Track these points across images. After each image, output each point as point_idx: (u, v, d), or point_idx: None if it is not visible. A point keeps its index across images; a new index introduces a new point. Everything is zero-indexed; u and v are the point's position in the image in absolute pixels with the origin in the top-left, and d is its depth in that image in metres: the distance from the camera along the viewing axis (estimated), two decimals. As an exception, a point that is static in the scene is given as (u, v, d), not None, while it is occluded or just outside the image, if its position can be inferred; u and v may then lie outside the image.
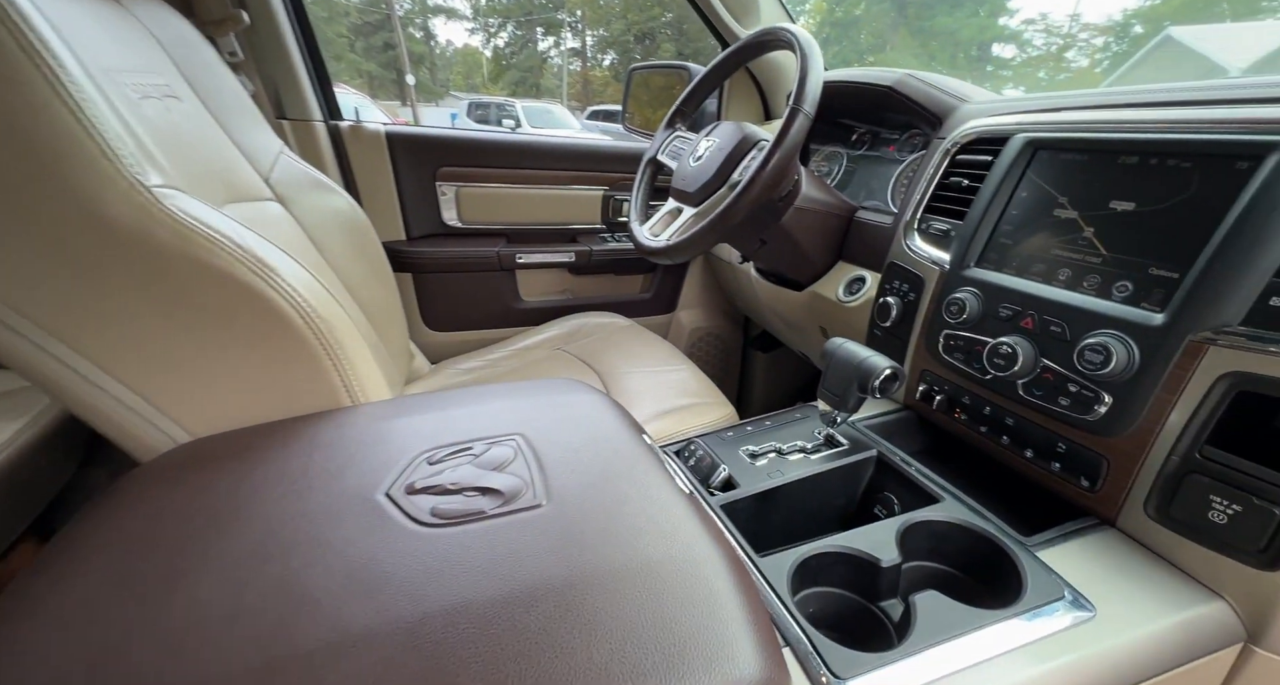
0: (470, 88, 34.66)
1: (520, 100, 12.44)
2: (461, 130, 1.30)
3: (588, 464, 0.44)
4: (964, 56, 29.88)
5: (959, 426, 0.71)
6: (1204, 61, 11.19)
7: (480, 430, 0.49)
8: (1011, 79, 30.11)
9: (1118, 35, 27.81)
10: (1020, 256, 0.64)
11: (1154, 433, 0.51)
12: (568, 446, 0.46)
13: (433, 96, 29.81)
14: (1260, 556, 0.45)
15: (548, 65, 34.68)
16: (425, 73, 30.91)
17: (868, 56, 30.06)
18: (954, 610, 0.46)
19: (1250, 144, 0.48)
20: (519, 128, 10.82)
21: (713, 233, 0.86)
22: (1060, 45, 29.81)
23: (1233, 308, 0.47)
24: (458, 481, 0.41)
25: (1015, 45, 29.79)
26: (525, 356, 1.16)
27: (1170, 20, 21.85)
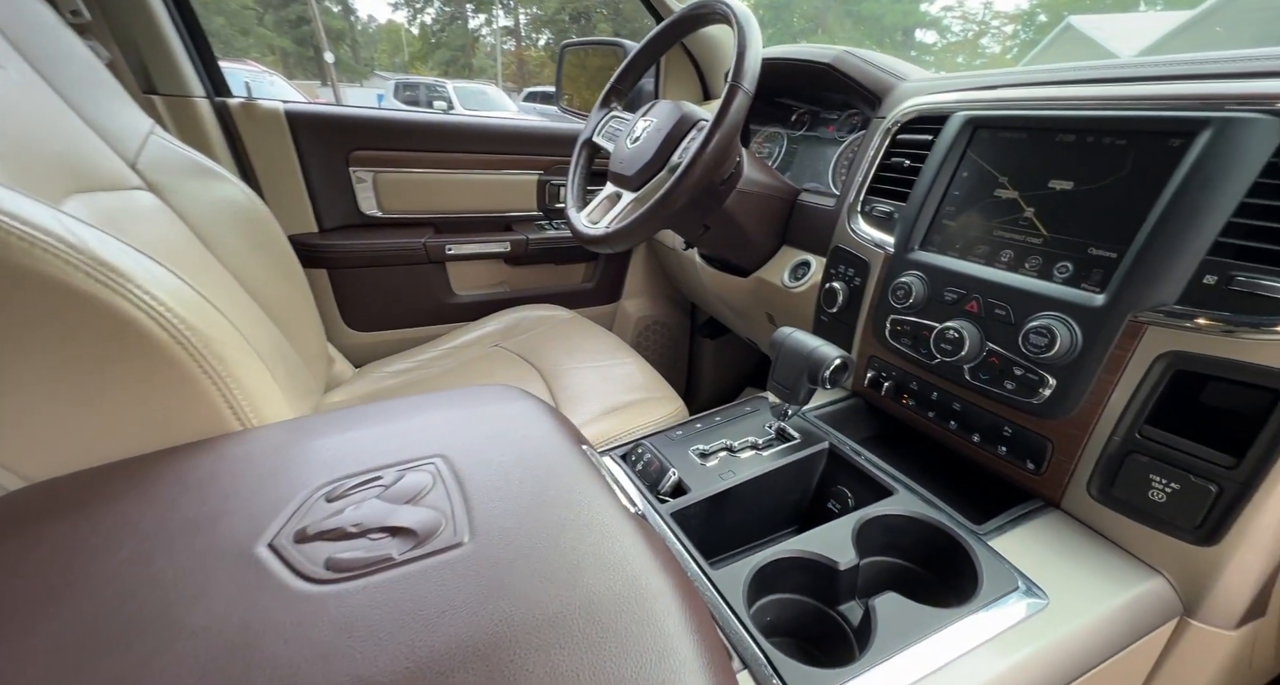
0: (397, 67, 32.69)
1: (452, 81, 11.83)
2: (376, 109, 1.18)
3: (519, 487, 0.39)
4: (890, 41, 30.99)
5: (908, 412, 0.70)
6: (1100, 49, 12.09)
7: (393, 454, 0.42)
8: (934, 64, 31.57)
9: (1025, 23, 29.62)
10: (964, 238, 0.63)
11: (1096, 414, 0.51)
12: (497, 467, 0.41)
13: (356, 76, 27.94)
14: (1196, 532, 0.46)
15: (480, 44, 33.19)
16: (346, 50, 28.84)
17: (800, 39, 30.62)
18: (913, 613, 0.45)
19: (1182, 120, 0.47)
20: (452, 110, 10.31)
21: (654, 219, 0.82)
22: (976, 32, 31.45)
23: (1169, 287, 0.47)
24: (361, 521, 0.35)
25: (936, 31, 31.18)
26: (460, 355, 1.08)
27: (1069, 10, 23.45)
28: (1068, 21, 13.67)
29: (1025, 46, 27.75)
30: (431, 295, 1.23)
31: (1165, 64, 0.56)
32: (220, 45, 23.72)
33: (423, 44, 32.84)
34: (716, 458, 0.64)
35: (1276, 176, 0.43)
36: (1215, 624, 0.48)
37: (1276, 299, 0.42)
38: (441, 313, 1.24)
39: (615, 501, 0.40)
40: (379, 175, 1.13)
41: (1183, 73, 0.54)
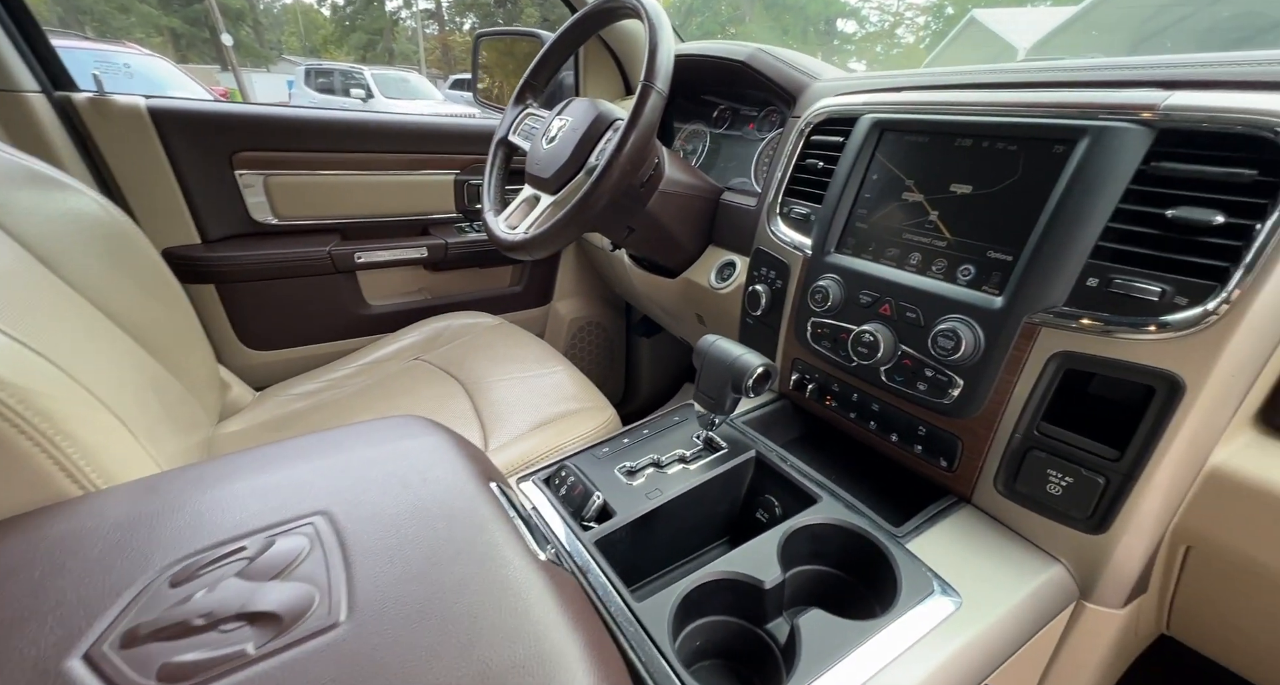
0: (309, 51, 30.37)
1: (371, 67, 11.11)
2: (263, 105, 1.06)
3: (412, 545, 0.35)
4: (814, 30, 31.98)
5: (831, 413, 0.71)
6: (1000, 41, 12.98)
7: (264, 514, 0.37)
8: (855, 53, 32.85)
9: (935, 15, 31.36)
10: (877, 241, 0.64)
11: (999, 413, 0.53)
12: (388, 521, 0.37)
13: (261, 60, 25.72)
14: (1088, 522, 0.49)
15: (401, 28, 31.37)
16: (248, 32, 26.44)
17: (729, 27, 31.00)
18: (837, 629, 0.44)
19: (1064, 128, 0.49)
20: (371, 98, 9.71)
21: (573, 224, 0.78)
22: (892, 22, 32.95)
23: (1058, 289, 0.49)
24: (213, 610, 0.30)
25: (855, 21, 32.41)
26: (376, 371, 1.01)
27: (973, 3, 24.99)
28: (971, 15, 14.56)
29: (937, 36, 29.39)
30: (341, 307, 1.14)
31: (1055, 70, 0.58)
32: (95, 24, 21.12)
33: (335, 27, 30.68)
34: (643, 475, 0.62)
35: (1145, 183, 0.45)
36: (1107, 604, 0.51)
37: (1148, 300, 0.44)
38: (354, 326, 1.15)
39: (523, 548, 0.37)
40: (271, 179, 1.02)
41: (1068, 80, 0.56)
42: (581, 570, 0.50)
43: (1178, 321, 0.42)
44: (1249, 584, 0.46)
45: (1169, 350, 0.43)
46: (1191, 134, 0.43)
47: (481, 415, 0.87)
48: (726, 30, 31.85)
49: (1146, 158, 0.45)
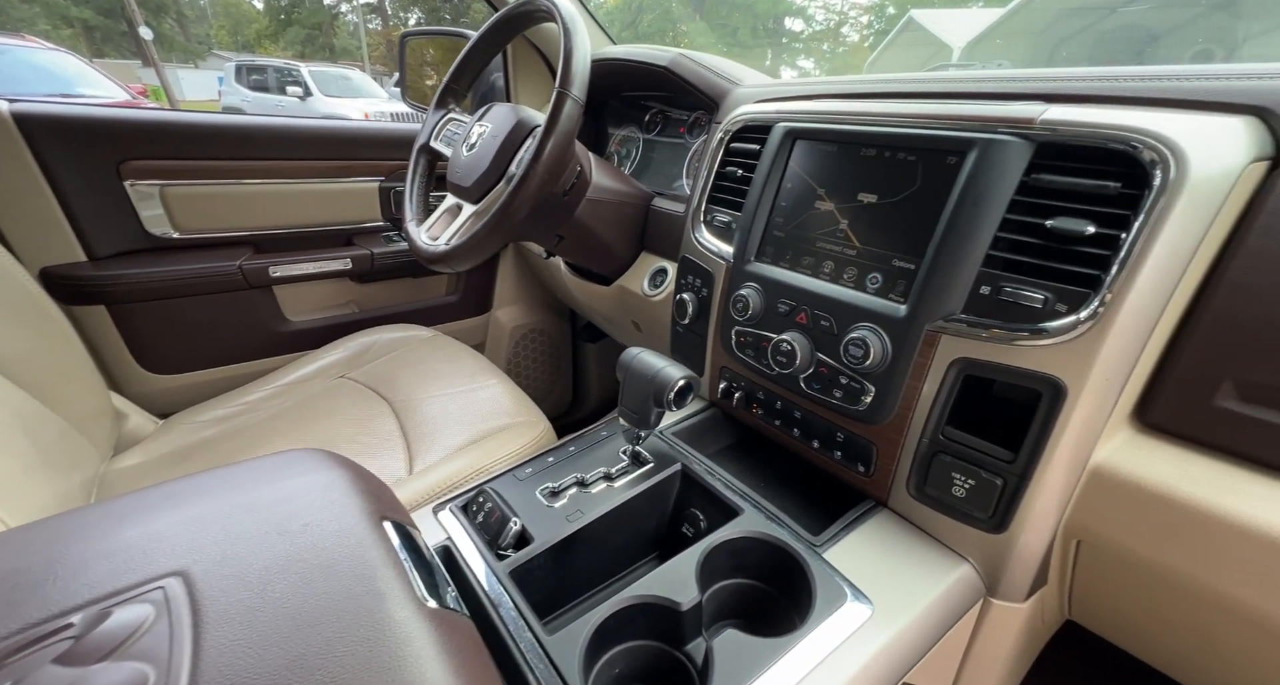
0: (241, 46, 28.73)
1: (309, 64, 10.58)
2: (155, 110, 0.99)
3: (279, 603, 0.32)
4: (763, 28, 32.52)
5: (758, 421, 0.71)
6: (936, 41, 13.53)
7: (104, 581, 0.33)
8: (803, 51, 33.60)
9: (877, 14, 32.40)
10: (793, 249, 0.64)
11: (908, 418, 0.54)
12: (255, 579, 0.34)
13: (189, 55, 24.16)
14: (990, 522, 0.50)
15: (342, 23, 30.06)
16: (172, 25, 24.78)
17: (680, 24, 31.19)
18: (750, 648, 0.44)
19: (956, 140, 0.50)
20: (309, 97, 9.26)
21: (494, 234, 0.75)
22: (837, 21, 33.87)
23: (955, 297, 0.50)
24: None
25: (803, 20, 33.15)
26: (297, 392, 0.95)
27: (912, 4, 26.00)
28: (910, 15, 15.12)
29: (880, 35, 30.41)
30: (258, 324, 1.07)
31: (953, 81, 0.60)
32: (-7, 15, 19.35)
33: (270, 21, 29.12)
34: (566, 496, 0.60)
35: (1028, 194, 0.47)
36: (1011, 599, 0.53)
37: (1032, 308, 0.45)
38: (273, 344, 1.09)
39: (409, 597, 0.35)
40: (168, 189, 0.95)
41: (964, 91, 0.58)
42: (494, 605, 0.48)
43: (1057, 328, 0.44)
44: (1131, 575, 0.49)
45: (1051, 355, 0.45)
46: (1066, 147, 0.45)
47: (408, 436, 0.84)
48: (678, 28, 32.04)
49: (1028, 170, 0.47)
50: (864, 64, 27.50)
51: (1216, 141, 0.40)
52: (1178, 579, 0.44)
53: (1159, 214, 0.40)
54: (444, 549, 0.55)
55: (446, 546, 0.55)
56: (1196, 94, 0.44)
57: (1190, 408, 0.43)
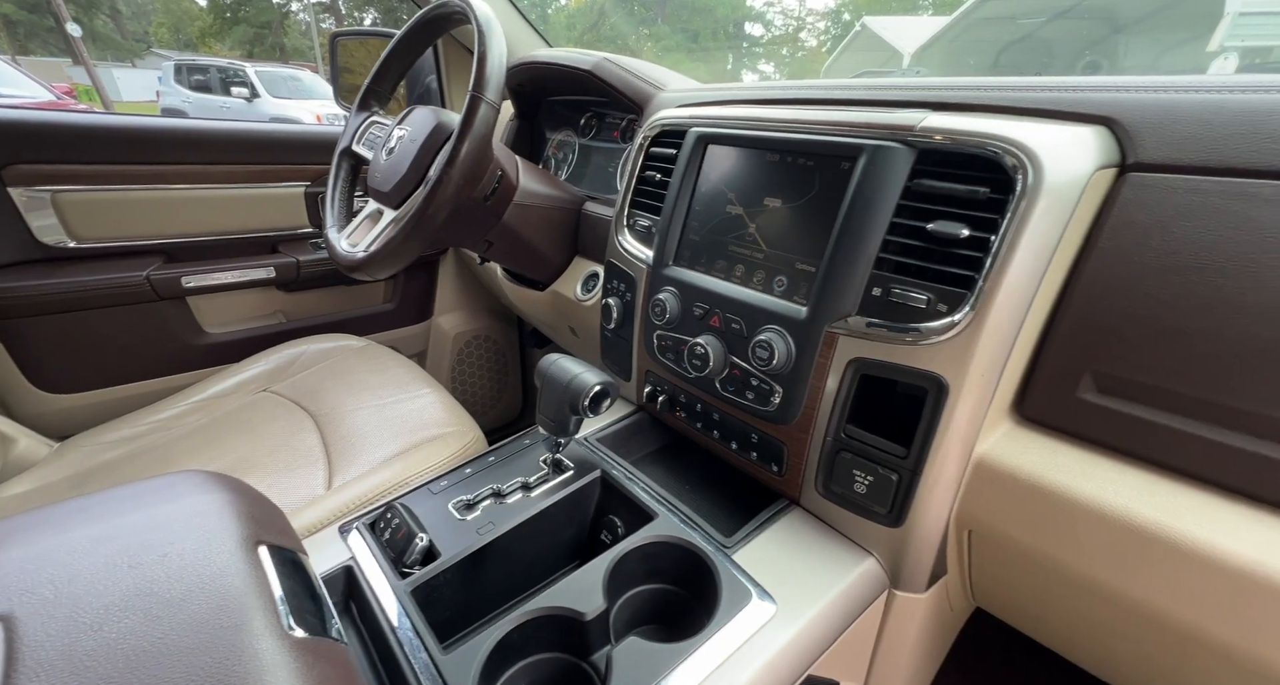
0: (184, 45, 27.41)
1: (256, 63, 10.17)
2: (44, 111, 0.93)
3: (115, 644, 0.30)
4: (724, 32, 32.97)
5: (682, 424, 0.72)
6: (888, 47, 13.98)
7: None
8: (763, 55, 34.23)
9: (834, 20, 33.28)
10: (708, 253, 0.65)
11: (813, 418, 0.55)
12: (91, 618, 0.31)
13: (125, 54, 22.92)
14: (889, 516, 0.52)
15: (292, 21, 29.01)
16: (105, 21, 23.44)
17: (642, 28, 31.33)
18: (652, 654, 0.44)
19: (846, 146, 0.51)
20: (256, 98, 8.91)
21: (413, 240, 0.74)
22: (795, 26, 34.64)
23: (849, 299, 0.51)
24: None
25: (762, 24, 33.78)
26: (214, 408, 0.91)
27: (866, 10, 26.81)
28: (862, 22, 15.59)
29: (836, 40, 31.22)
30: (171, 338, 1.01)
31: (850, 88, 0.61)
32: (-99, 8, 17.95)
33: (215, 18, 27.87)
34: (480, 508, 0.59)
35: (912, 199, 0.48)
36: (912, 590, 0.54)
37: (917, 308, 0.47)
38: (189, 358, 1.03)
39: (273, 626, 0.34)
40: (61, 195, 0.89)
41: (859, 98, 0.59)
42: (391, 626, 0.46)
43: (938, 327, 0.46)
44: (1017, 562, 0.51)
45: (933, 354, 0.46)
46: (943, 153, 0.47)
47: (330, 451, 0.81)
48: (639, 31, 32.18)
49: (911, 175, 0.48)
50: (822, 68, 28.18)
51: (1069, 149, 0.42)
52: (1052, 564, 0.46)
53: (1021, 217, 0.42)
54: (346, 570, 0.53)
55: (349, 567, 0.53)
56: (1055, 104, 0.47)
57: (1057, 400, 0.45)
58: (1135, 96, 0.44)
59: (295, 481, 0.74)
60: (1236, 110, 0.39)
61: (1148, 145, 0.42)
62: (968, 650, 0.73)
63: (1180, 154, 0.41)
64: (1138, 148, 0.43)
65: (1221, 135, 0.39)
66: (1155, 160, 0.42)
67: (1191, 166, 0.40)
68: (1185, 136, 0.40)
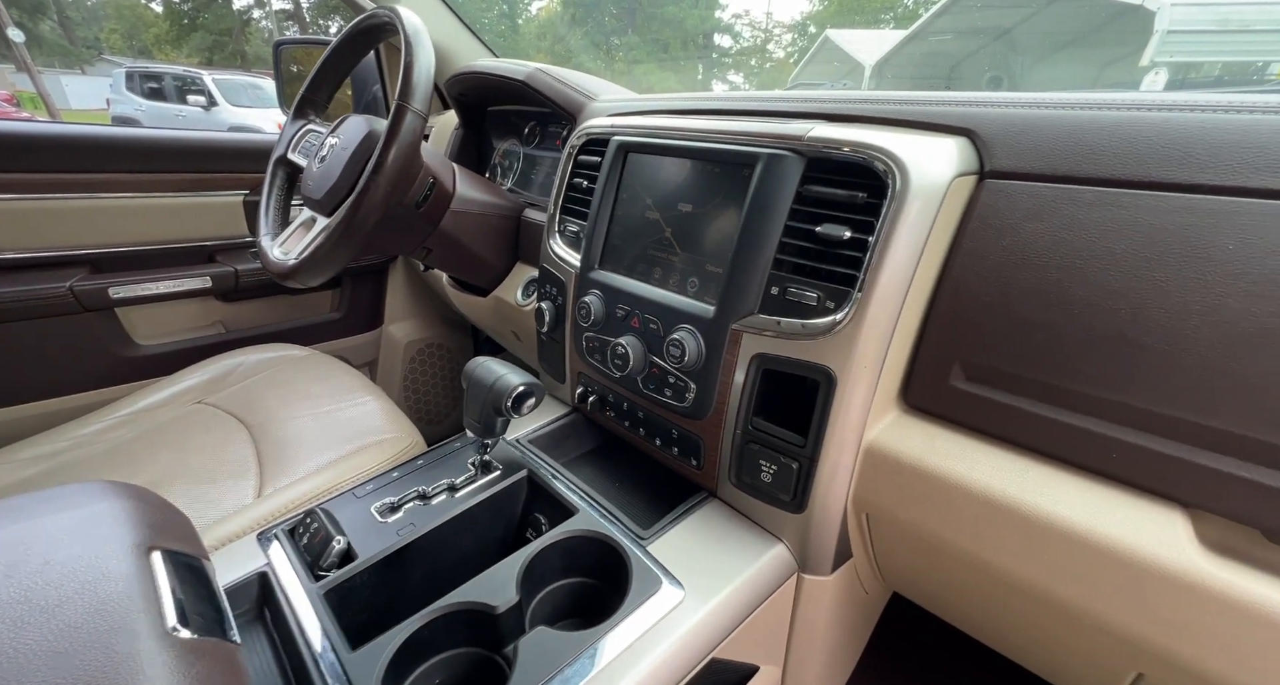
0: (139, 52, 26.53)
1: (213, 71, 9.90)
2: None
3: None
4: (694, 44, 33.52)
5: (612, 423, 0.73)
6: (850, 59, 14.45)
7: None
8: (732, 65, 34.88)
9: (800, 33, 34.16)
10: (629, 257, 0.67)
11: (725, 412, 0.58)
12: None
13: (74, 60, 22.07)
14: (793, 503, 0.55)
15: (253, 28, 28.36)
16: (52, 26, 22.54)
17: (613, 37, 31.63)
18: (558, 642, 0.46)
19: (745, 154, 0.54)
20: (214, 107, 8.68)
21: (341, 247, 0.74)
22: (763, 38, 35.43)
23: (751, 298, 0.54)
24: None
25: (730, 36, 34.45)
26: (144, 421, 0.89)
27: (830, 23, 27.61)
28: (825, 35, 16.07)
29: (803, 52, 32.03)
30: (97, 350, 0.99)
31: (754, 100, 0.65)
32: None
33: (172, 24, 27.07)
34: (403, 510, 0.60)
35: (802, 204, 0.51)
36: (818, 573, 0.57)
37: (809, 305, 0.50)
38: (119, 371, 1.01)
39: (155, 629, 0.34)
40: None
41: (761, 109, 0.63)
42: (300, 628, 0.47)
43: (826, 323, 0.49)
44: (911, 543, 0.54)
45: (822, 348, 0.49)
46: (828, 161, 0.50)
47: (263, 461, 0.80)
48: (610, 41, 32.47)
49: (802, 181, 0.52)
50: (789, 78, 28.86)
51: (933, 157, 0.46)
52: (938, 542, 0.50)
53: (891, 219, 0.46)
54: (260, 576, 0.53)
55: (263, 573, 0.53)
56: (926, 117, 0.51)
57: (933, 388, 0.49)
58: (991, 111, 0.48)
59: (222, 492, 0.73)
60: (1068, 125, 0.43)
61: (1000, 155, 0.46)
62: (893, 638, 0.76)
63: (1026, 163, 0.45)
64: (993, 157, 0.47)
65: (1054, 147, 0.43)
66: (1007, 168, 0.46)
67: (1035, 174, 0.44)
68: (1029, 147, 0.45)
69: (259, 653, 0.49)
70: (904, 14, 27.66)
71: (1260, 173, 0.35)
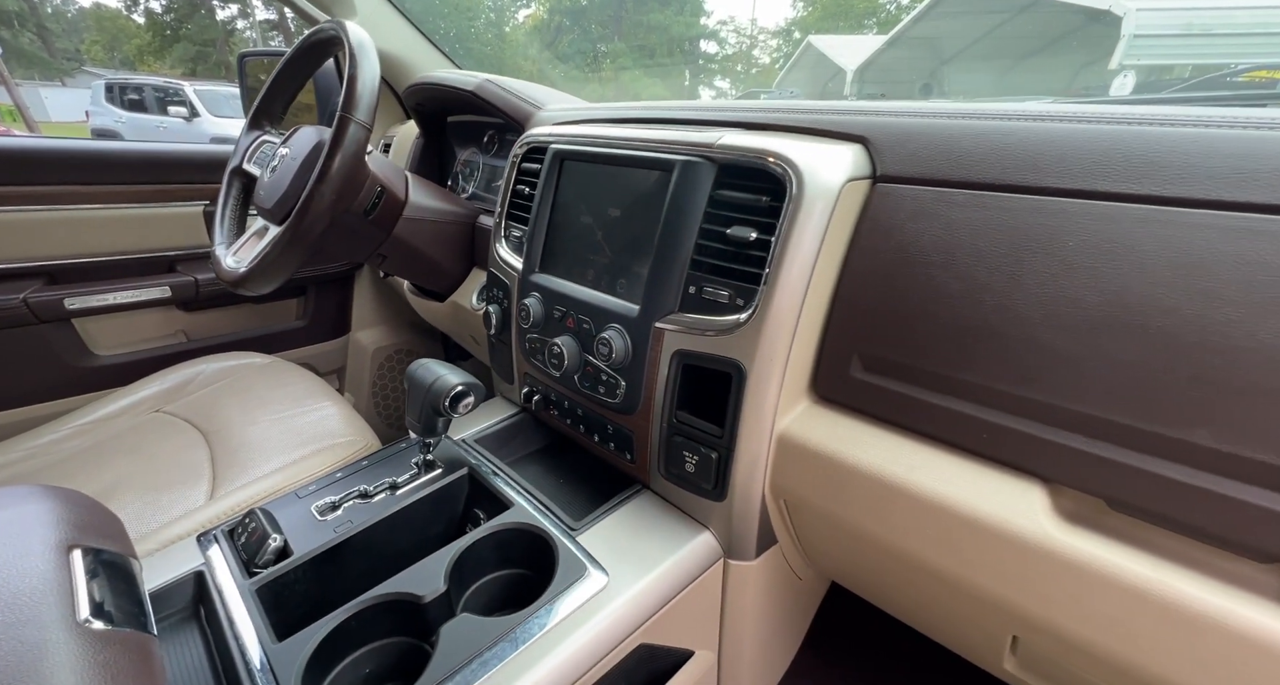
0: (121, 63, 26.30)
1: (194, 82, 9.84)
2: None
3: None
4: (680, 50, 33.78)
5: (556, 421, 0.76)
6: (831, 64, 14.66)
7: None
8: (719, 71, 35.17)
9: (784, 38, 34.54)
10: (566, 260, 0.69)
11: (652, 406, 0.60)
12: None
13: (53, 72, 21.85)
14: (715, 491, 0.57)
15: (238, 39, 28.22)
16: (31, 39, 22.31)
17: (600, 45, 31.82)
18: (479, 627, 0.48)
19: (663, 162, 0.57)
20: (196, 118, 8.63)
21: (289, 254, 0.76)
22: (748, 44, 35.77)
23: (670, 297, 0.57)
24: None
25: (716, 42, 34.74)
26: (100, 430, 0.90)
27: (814, 29, 27.97)
28: (808, 41, 16.30)
29: (788, 57, 32.38)
30: (53, 362, 0.99)
31: (677, 109, 0.68)
32: None
33: (154, 36, 26.87)
34: (343, 509, 0.62)
35: (715, 207, 0.54)
36: (743, 558, 0.60)
37: (721, 303, 0.53)
38: (76, 381, 1.01)
39: (64, 620, 0.36)
40: None
41: (682, 118, 0.66)
42: (230, 622, 0.49)
43: (735, 320, 0.51)
44: (828, 527, 0.57)
45: (732, 342, 0.52)
46: (736, 167, 0.53)
47: (217, 466, 0.81)
48: (597, 48, 32.66)
49: (715, 186, 0.55)
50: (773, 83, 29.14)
51: (828, 162, 0.49)
52: (848, 526, 0.52)
53: (789, 220, 0.49)
54: (196, 575, 0.54)
55: (199, 572, 0.54)
56: (827, 125, 0.54)
57: (836, 379, 0.52)
58: (883, 120, 0.51)
59: (173, 497, 0.74)
60: (945, 133, 0.47)
61: (889, 161, 0.49)
62: (836, 630, 0.78)
63: (910, 168, 0.48)
64: (883, 163, 0.50)
65: (933, 153, 0.46)
66: (894, 173, 0.49)
67: (918, 178, 0.47)
68: (912, 154, 0.48)
69: (191, 649, 0.50)
70: (886, 19, 28.01)
71: (1095, 178, 0.38)
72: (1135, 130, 0.38)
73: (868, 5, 30.14)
